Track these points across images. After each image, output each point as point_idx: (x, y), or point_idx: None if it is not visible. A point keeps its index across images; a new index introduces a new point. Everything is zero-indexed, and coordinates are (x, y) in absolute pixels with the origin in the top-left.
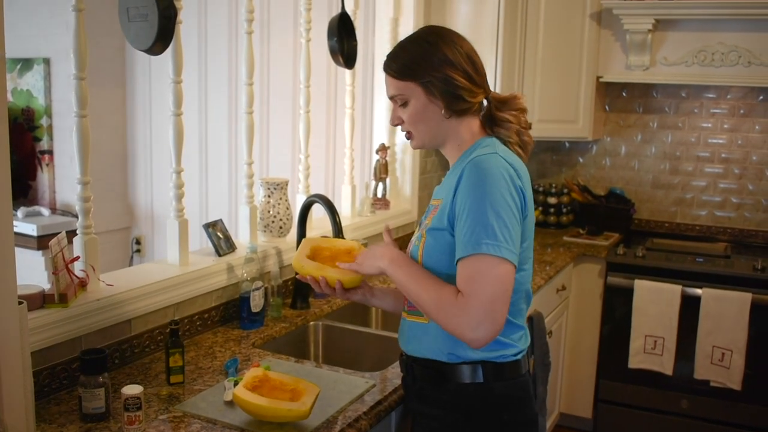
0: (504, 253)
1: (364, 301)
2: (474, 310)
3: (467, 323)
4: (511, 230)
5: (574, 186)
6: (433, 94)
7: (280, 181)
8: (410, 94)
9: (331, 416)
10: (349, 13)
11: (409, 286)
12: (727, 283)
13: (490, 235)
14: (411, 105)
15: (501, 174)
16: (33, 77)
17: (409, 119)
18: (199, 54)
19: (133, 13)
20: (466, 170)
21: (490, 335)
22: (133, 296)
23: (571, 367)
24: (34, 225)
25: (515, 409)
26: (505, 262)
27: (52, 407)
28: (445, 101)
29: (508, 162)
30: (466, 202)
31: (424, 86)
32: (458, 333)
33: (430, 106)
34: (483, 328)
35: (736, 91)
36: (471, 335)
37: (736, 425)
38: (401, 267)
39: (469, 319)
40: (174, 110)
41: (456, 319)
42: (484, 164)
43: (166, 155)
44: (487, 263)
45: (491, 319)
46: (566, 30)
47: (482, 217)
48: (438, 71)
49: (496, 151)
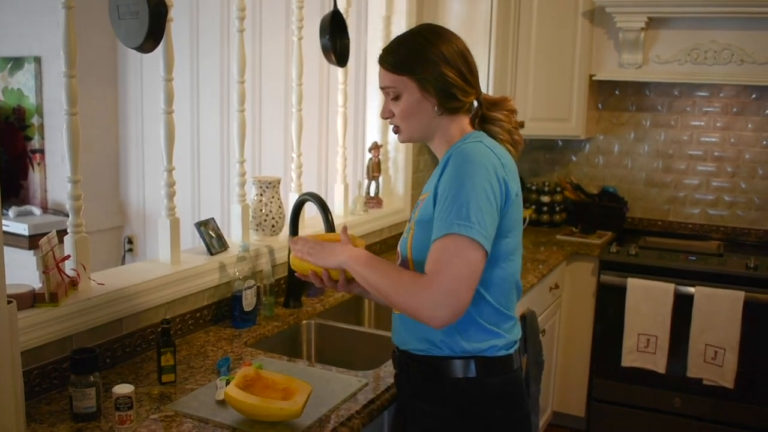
0: (474, 234)
1: (363, 294)
2: (435, 288)
3: (425, 302)
4: (485, 214)
5: (567, 184)
6: (427, 90)
7: (273, 179)
8: (404, 88)
9: (323, 415)
10: (341, 11)
11: (369, 277)
12: (719, 282)
13: (462, 216)
14: (404, 99)
15: (483, 162)
16: (24, 76)
17: (400, 113)
18: (191, 52)
19: (123, 11)
20: (451, 158)
21: (450, 314)
22: (124, 295)
23: (564, 365)
24: (26, 224)
25: (508, 404)
26: (474, 243)
27: (43, 407)
28: (439, 98)
29: (493, 152)
30: (445, 187)
31: (418, 82)
32: (418, 312)
33: (423, 102)
34: (443, 308)
35: (729, 89)
36: (429, 313)
37: (728, 423)
38: (359, 260)
39: (429, 296)
40: (165, 108)
41: (416, 297)
42: (468, 151)
43: (157, 154)
44: (455, 243)
45: (453, 298)
46: (559, 28)
47: (457, 199)
48: (434, 68)
49: (482, 141)
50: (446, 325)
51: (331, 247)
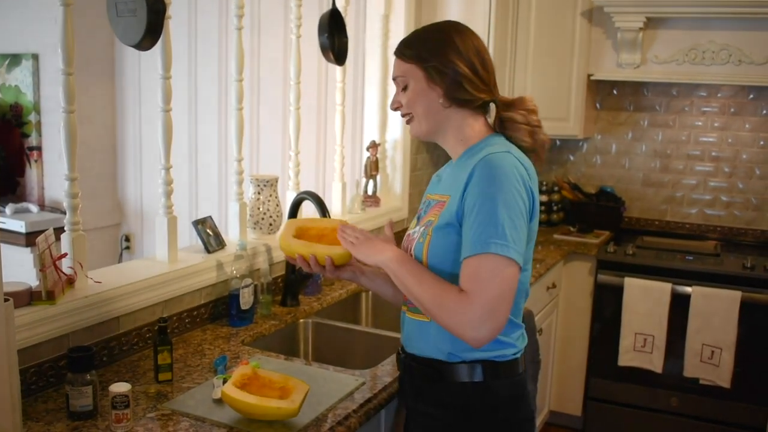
0: (511, 253)
1: (354, 279)
2: (477, 309)
3: (468, 322)
4: (520, 231)
5: (564, 184)
6: (433, 80)
7: (270, 177)
8: (411, 77)
9: (320, 414)
10: (339, 9)
11: (409, 283)
12: (716, 281)
13: (500, 234)
14: (410, 88)
15: (513, 174)
16: (21, 73)
17: (407, 102)
18: (189, 50)
19: (121, 8)
20: (478, 167)
21: (490, 335)
22: (121, 293)
23: (561, 364)
24: (23, 222)
25: (513, 407)
26: (511, 262)
27: (39, 405)
28: (445, 88)
29: (520, 162)
30: (477, 200)
31: (425, 70)
32: (459, 332)
33: (428, 91)
34: (485, 328)
35: (727, 89)
36: (472, 334)
37: (725, 423)
38: (403, 265)
39: (470, 317)
40: (163, 106)
41: (457, 317)
42: (498, 162)
43: (155, 151)
44: (494, 262)
45: (494, 318)
46: (557, 28)
47: (493, 216)
48: (442, 57)
49: (510, 151)
50: (486, 344)
51: (373, 242)
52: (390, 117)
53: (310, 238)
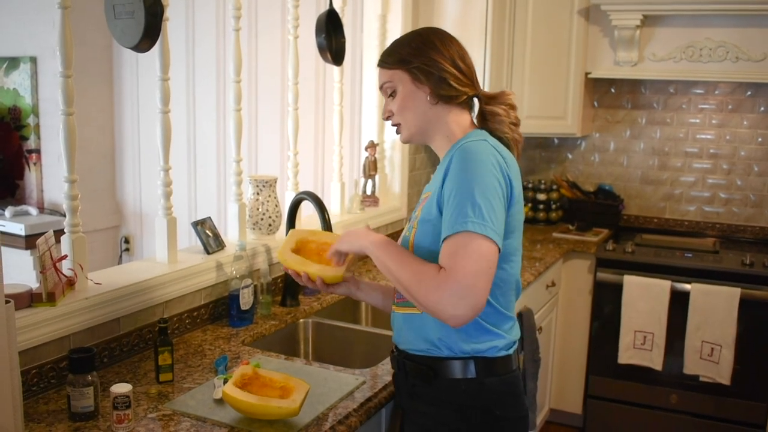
0: (489, 232)
1: (349, 294)
2: (455, 285)
3: (448, 298)
4: (497, 212)
5: (563, 182)
6: (419, 80)
7: (269, 178)
8: (398, 82)
9: (321, 413)
10: (337, 9)
11: (390, 265)
12: (715, 279)
13: (476, 214)
14: (399, 93)
15: (489, 159)
16: (20, 76)
17: (397, 108)
18: (187, 51)
19: (119, 11)
20: (454, 156)
21: (470, 312)
22: (121, 295)
23: (560, 362)
24: (22, 224)
25: (507, 404)
26: (488, 240)
27: (41, 406)
28: (431, 86)
29: (496, 150)
30: (453, 185)
31: (410, 72)
32: (439, 309)
33: (416, 93)
34: (464, 304)
35: (724, 86)
36: (451, 311)
37: (725, 420)
38: (382, 247)
39: (450, 293)
40: (161, 108)
41: (436, 293)
42: (473, 148)
43: (154, 153)
44: (470, 240)
45: (472, 294)
46: (554, 26)
47: (469, 197)
48: (425, 57)
49: (486, 139)
50: (465, 323)
51: (355, 231)
52: None
53: (309, 252)
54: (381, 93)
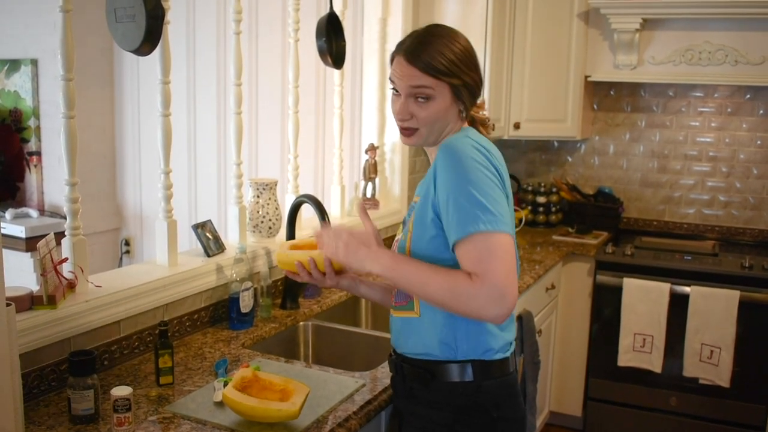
0: (500, 226)
1: (352, 288)
2: (493, 289)
3: (490, 304)
4: (498, 200)
5: (563, 185)
6: (459, 96)
7: (269, 181)
8: (439, 93)
9: (320, 416)
10: (337, 13)
11: (414, 285)
12: (715, 281)
13: (484, 210)
14: (435, 103)
15: (472, 151)
16: (21, 78)
17: (427, 118)
18: (188, 54)
19: (120, 14)
20: (438, 156)
21: (511, 307)
22: (121, 297)
23: (560, 365)
24: (23, 227)
25: (504, 406)
26: (501, 234)
27: (41, 409)
28: (468, 104)
29: (478, 142)
30: (446, 185)
31: (453, 87)
32: (482, 314)
33: (451, 108)
34: (504, 303)
35: (724, 89)
36: (495, 312)
37: (724, 422)
38: (396, 269)
39: (489, 299)
40: (162, 111)
41: (476, 301)
42: (455, 144)
43: (154, 156)
44: (490, 240)
45: (509, 292)
46: (554, 30)
47: (469, 195)
48: (472, 76)
49: (468, 135)
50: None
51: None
52: (388, 120)
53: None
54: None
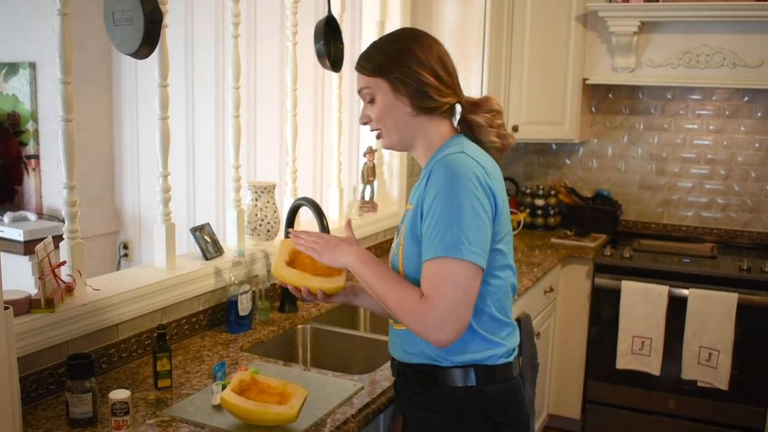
0: (467, 255)
1: (347, 301)
2: (436, 314)
3: (431, 326)
4: (478, 232)
5: (561, 188)
6: (399, 91)
7: (268, 184)
8: (377, 90)
9: (319, 419)
10: (335, 16)
11: (375, 285)
12: (713, 284)
13: (456, 237)
14: (378, 101)
15: (467, 173)
16: (19, 81)
17: (376, 116)
18: (186, 58)
19: (118, 17)
20: (434, 170)
21: (453, 336)
22: (120, 301)
23: (559, 368)
24: (21, 230)
25: (508, 411)
26: (468, 265)
27: (39, 412)
28: (412, 98)
29: (476, 161)
30: (432, 203)
31: (390, 82)
32: (422, 334)
33: (396, 103)
34: (446, 331)
35: (722, 92)
36: (435, 336)
37: (723, 425)
38: (366, 265)
39: (432, 322)
40: (160, 114)
41: (419, 322)
42: (452, 164)
43: (153, 159)
44: (450, 267)
45: (453, 321)
46: (552, 32)
47: (449, 219)
48: (405, 68)
49: (464, 150)
50: (450, 344)
51: (335, 243)
52: None
53: (302, 263)
54: (359, 96)
